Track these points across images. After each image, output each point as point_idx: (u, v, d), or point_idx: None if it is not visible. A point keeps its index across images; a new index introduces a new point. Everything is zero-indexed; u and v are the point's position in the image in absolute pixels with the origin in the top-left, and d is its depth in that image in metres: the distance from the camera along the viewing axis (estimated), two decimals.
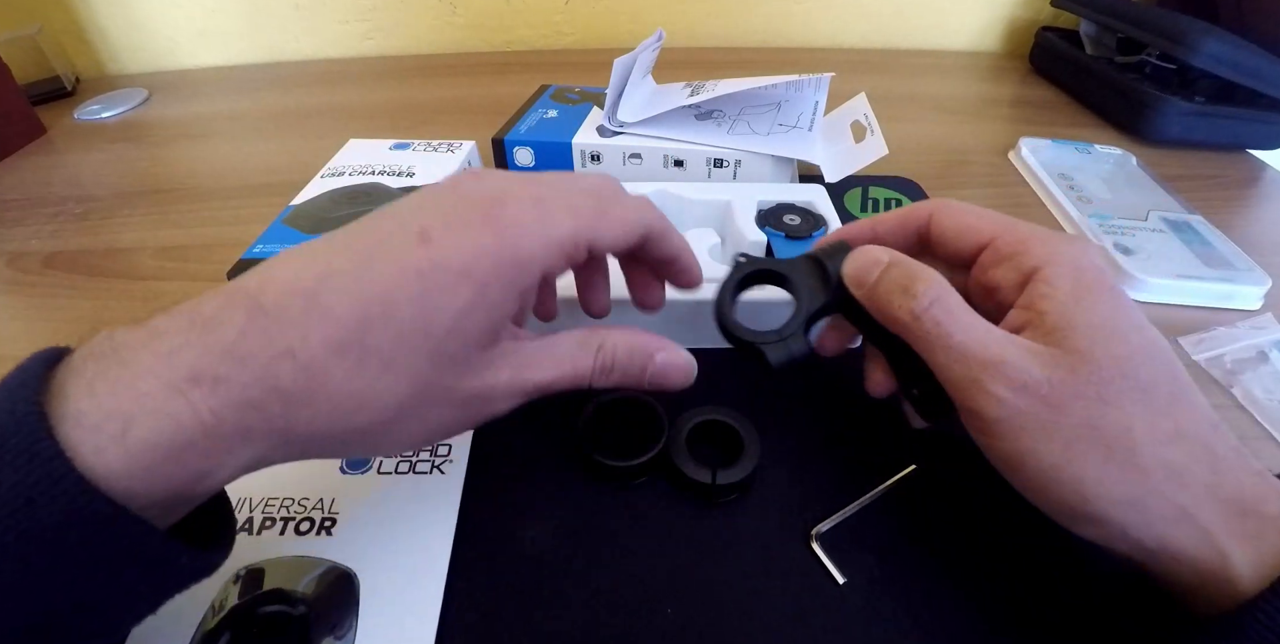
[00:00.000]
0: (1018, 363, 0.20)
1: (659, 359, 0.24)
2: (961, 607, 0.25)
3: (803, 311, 0.27)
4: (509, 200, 0.21)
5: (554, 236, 0.21)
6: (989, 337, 0.21)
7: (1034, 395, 0.20)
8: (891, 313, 0.23)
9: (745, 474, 0.27)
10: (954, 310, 0.22)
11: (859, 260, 0.25)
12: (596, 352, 0.23)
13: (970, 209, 0.25)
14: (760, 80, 0.47)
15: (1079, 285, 0.21)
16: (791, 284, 0.27)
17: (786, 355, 0.26)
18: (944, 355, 0.22)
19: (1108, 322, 0.21)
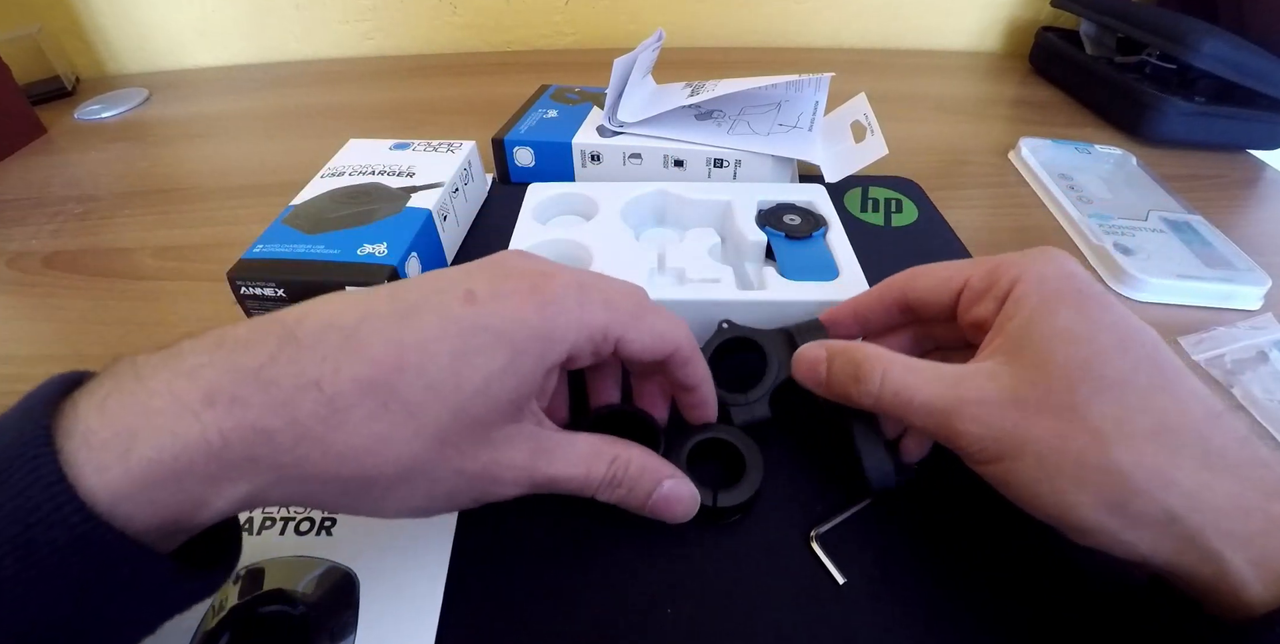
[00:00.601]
0: (976, 397, 0.21)
1: (666, 486, 0.24)
2: (961, 607, 0.25)
3: (770, 382, 0.30)
4: (553, 280, 0.21)
5: (589, 322, 0.21)
6: (945, 384, 0.22)
7: (1002, 422, 0.20)
8: (856, 402, 0.24)
9: (747, 496, 0.27)
10: (905, 377, 0.23)
11: (802, 364, 0.26)
12: (611, 462, 0.23)
13: (941, 264, 0.26)
14: (760, 80, 0.47)
15: (1042, 298, 0.21)
16: (765, 355, 0.30)
17: (749, 417, 0.29)
18: (914, 418, 0.22)
19: (1069, 327, 0.21)
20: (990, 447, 0.21)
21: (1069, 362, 0.20)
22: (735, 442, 0.28)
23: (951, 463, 0.30)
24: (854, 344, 0.25)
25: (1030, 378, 0.20)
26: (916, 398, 0.22)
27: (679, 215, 0.41)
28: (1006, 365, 0.21)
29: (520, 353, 0.20)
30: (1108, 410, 0.19)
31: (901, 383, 0.22)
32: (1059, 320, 0.21)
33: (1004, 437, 0.20)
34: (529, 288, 0.21)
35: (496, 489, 0.21)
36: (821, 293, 0.34)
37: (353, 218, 0.38)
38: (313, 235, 0.37)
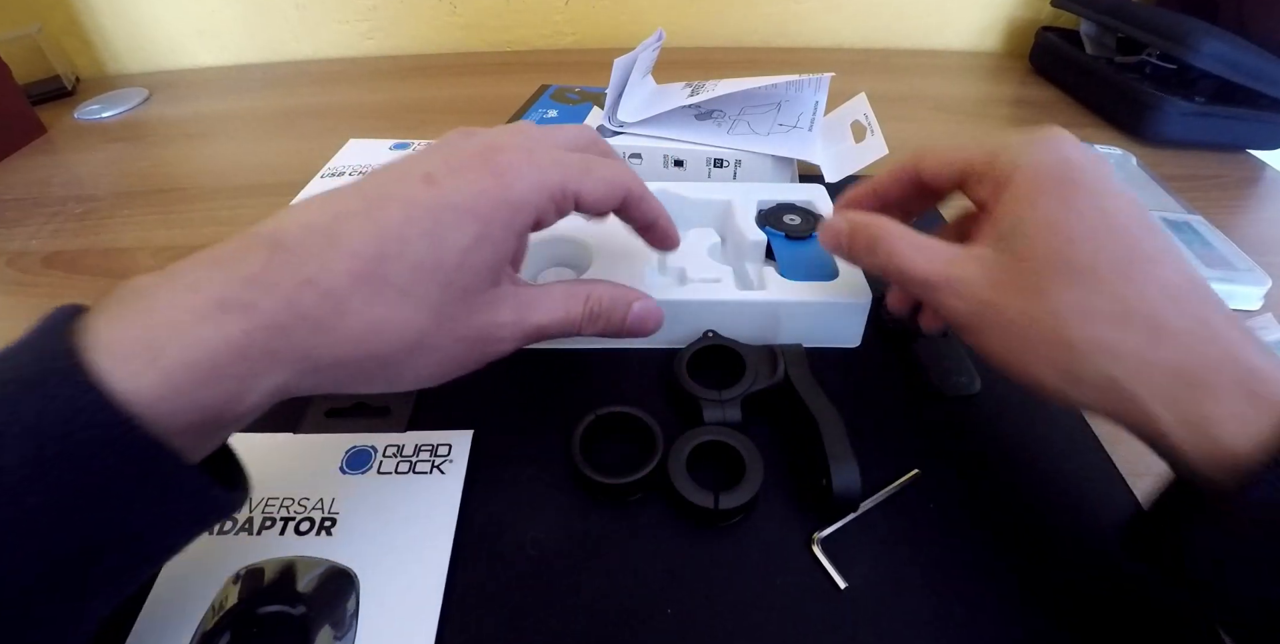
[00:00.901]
0: (961, 276, 0.24)
1: (636, 307, 0.27)
2: (963, 611, 0.25)
3: (745, 386, 0.31)
4: (503, 150, 0.23)
5: (545, 183, 0.23)
6: (937, 260, 0.24)
7: (979, 300, 0.23)
8: (868, 267, 0.27)
9: (748, 498, 0.27)
10: (906, 253, 0.25)
11: (826, 231, 0.29)
12: (585, 300, 0.26)
13: (951, 145, 0.27)
14: (760, 80, 0.47)
15: (1034, 186, 0.23)
16: (744, 364, 0.32)
17: (720, 416, 0.30)
18: (911, 288, 0.25)
19: (1050, 215, 0.22)
20: (969, 320, 0.24)
21: (1044, 249, 0.22)
22: (735, 444, 0.28)
23: (954, 468, 0.30)
24: (872, 218, 0.27)
25: (1008, 264, 0.23)
26: (913, 273, 0.25)
27: (679, 215, 0.41)
28: (992, 251, 0.23)
29: (488, 223, 0.22)
30: (1069, 295, 0.21)
31: (903, 258, 0.25)
32: (1040, 211, 0.22)
33: (980, 312, 0.23)
34: (482, 161, 0.22)
35: (495, 347, 0.24)
36: (821, 293, 0.34)
37: None
38: None
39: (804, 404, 0.29)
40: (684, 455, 0.28)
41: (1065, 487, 0.29)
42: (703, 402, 0.30)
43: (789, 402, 0.31)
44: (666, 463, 0.28)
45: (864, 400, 0.33)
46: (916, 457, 0.30)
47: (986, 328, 0.23)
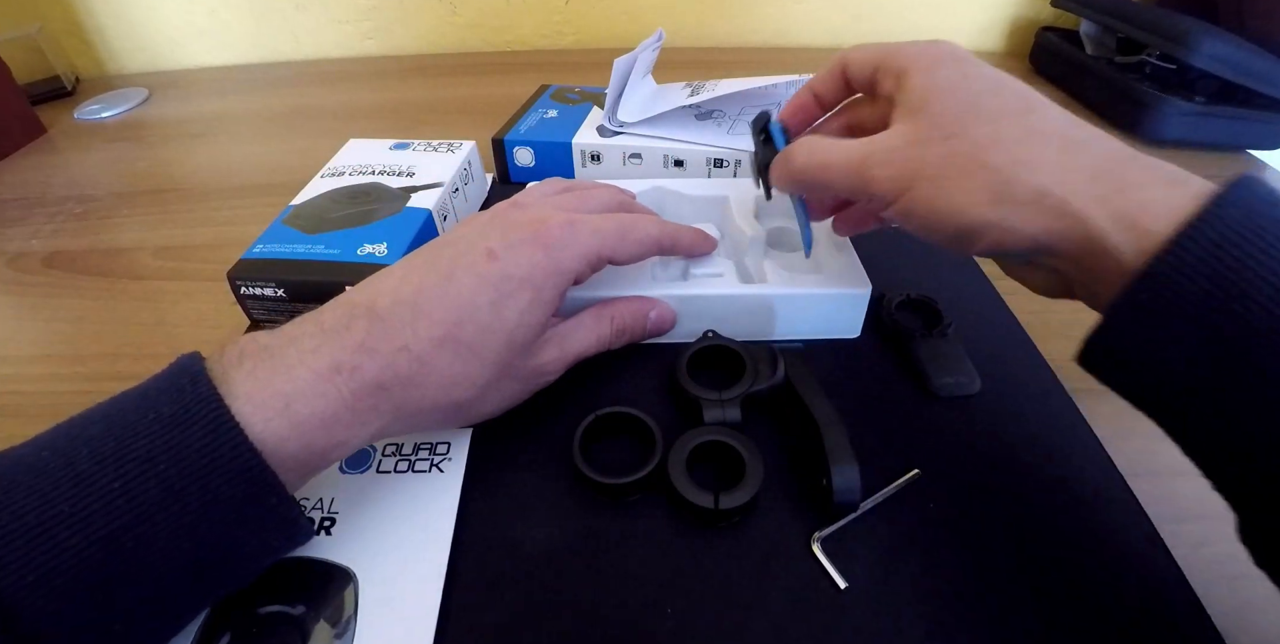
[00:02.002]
0: (877, 149, 0.25)
1: (652, 316, 0.34)
2: (963, 612, 0.25)
3: (745, 386, 0.31)
4: (549, 225, 0.28)
5: (585, 253, 0.28)
6: (852, 148, 0.26)
7: (903, 158, 0.24)
8: (794, 183, 0.29)
9: (748, 498, 0.27)
10: (826, 151, 0.27)
11: (776, 179, 0.30)
12: (611, 321, 0.32)
13: (876, 44, 0.28)
14: (760, 80, 0.47)
15: (932, 63, 0.25)
16: (744, 364, 0.32)
17: (720, 416, 0.30)
18: (834, 179, 0.27)
19: (951, 79, 0.25)
20: (897, 182, 0.24)
21: (952, 103, 0.24)
22: (735, 444, 0.28)
23: (954, 469, 0.30)
24: (806, 139, 0.29)
25: (923, 123, 0.24)
26: (833, 160, 0.27)
27: (677, 211, 0.41)
28: (905, 122, 0.25)
29: (540, 289, 0.27)
30: (983, 129, 0.23)
31: (821, 152, 0.27)
32: (939, 78, 0.25)
33: (905, 170, 0.24)
34: (533, 237, 0.27)
35: (544, 379, 0.30)
36: (822, 284, 0.34)
37: (353, 218, 0.38)
38: (313, 235, 0.37)
39: (804, 404, 0.29)
40: (684, 455, 0.28)
41: (1065, 487, 0.29)
42: (703, 402, 0.30)
43: (789, 402, 0.31)
44: (666, 463, 0.28)
45: (864, 400, 0.33)
46: (916, 457, 0.30)
47: (914, 181, 0.24)
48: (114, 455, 0.19)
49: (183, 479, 0.19)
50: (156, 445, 0.19)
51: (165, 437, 0.20)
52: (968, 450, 0.30)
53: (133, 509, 0.19)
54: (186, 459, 0.19)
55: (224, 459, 0.20)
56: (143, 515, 0.19)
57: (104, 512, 0.19)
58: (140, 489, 0.19)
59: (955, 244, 0.24)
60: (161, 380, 0.22)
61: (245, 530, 0.21)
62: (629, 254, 0.30)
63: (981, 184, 0.23)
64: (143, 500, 0.19)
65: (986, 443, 0.31)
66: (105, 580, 0.19)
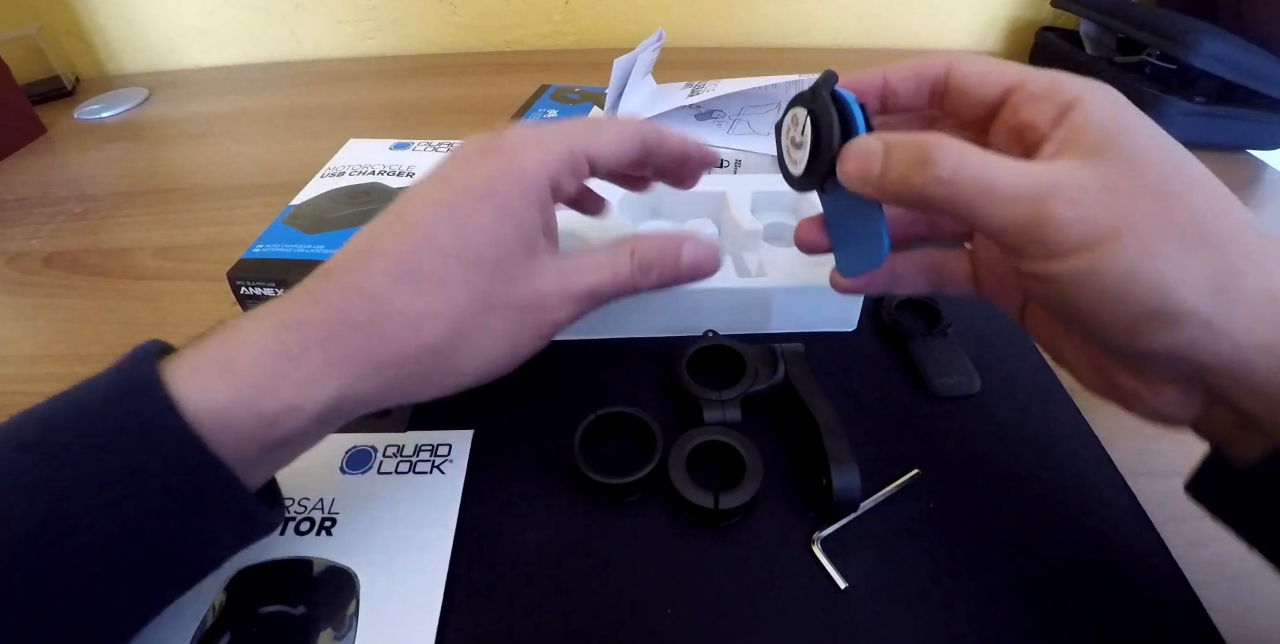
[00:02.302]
0: (1072, 180, 0.19)
1: (686, 251, 0.26)
2: (963, 612, 0.25)
3: (745, 385, 0.31)
4: (504, 135, 0.24)
5: (554, 150, 0.24)
6: (1031, 169, 0.20)
7: (1098, 205, 0.19)
8: (916, 191, 0.21)
9: (748, 498, 0.27)
10: (984, 158, 0.20)
11: (853, 159, 0.22)
12: (631, 255, 0.25)
13: (989, 58, 0.24)
14: (760, 80, 0.47)
15: (1117, 112, 0.20)
16: (744, 364, 0.32)
17: (720, 416, 0.30)
18: (993, 205, 0.20)
19: (1149, 135, 0.20)
20: (1086, 230, 0.19)
21: (1159, 153, 0.20)
22: (735, 444, 0.28)
23: (955, 469, 0.30)
24: (920, 133, 0.21)
25: (1122, 169, 0.19)
26: (1000, 180, 0.20)
27: (675, 208, 0.41)
28: (1090, 160, 0.20)
29: (505, 197, 0.23)
30: (1201, 200, 0.19)
31: (983, 166, 0.20)
32: (1140, 127, 0.20)
33: (1101, 219, 0.19)
34: (491, 149, 0.24)
35: (548, 317, 0.24)
36: (817, 277, 0.34)
37: (353, 218, 0.38)
38: (313, 235, 0.37)
39: (804, 404, 0.29)
40: (684, 455, 0.28)
41: (1065, 487, 0.29)
42: (703, 402, 0.30)
43: (789, 402, 0.31)
44: (666, 463, 0.28)
45: (864, 400, 0.33)
46: (916, 457, 0.30)
47: (1111, 237, 0.19)
48: (39, 442, 0.18)
49: (113, 463, 0.18)
50: (84, 428, 0.18)
51: (96, 419, 0.18)
52: (968, 450, 0.30)
53: (55, 500, 0.17)
54: (116, 442, 0.18)
55: (155, 436, 0.18)
56: (68, 507, 0.17)
57: (26, 504, 0.17)
58: (65, 477, 0.17)
59: (1127, 331, 0.19)
60: (111, 368, 0.20)
61: (190, 519, 0.19)
62: (610, 147, 0.25)
63: (1202, 263, 0.18)
64: (69, 489, 0.17)
65: (986, 443, 0.31)
66: (25, 580, 0.17)
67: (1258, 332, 0.18)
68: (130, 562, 0.18)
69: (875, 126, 0.23)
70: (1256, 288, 0.18)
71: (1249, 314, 0.18)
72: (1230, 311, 0.18)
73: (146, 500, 0.18)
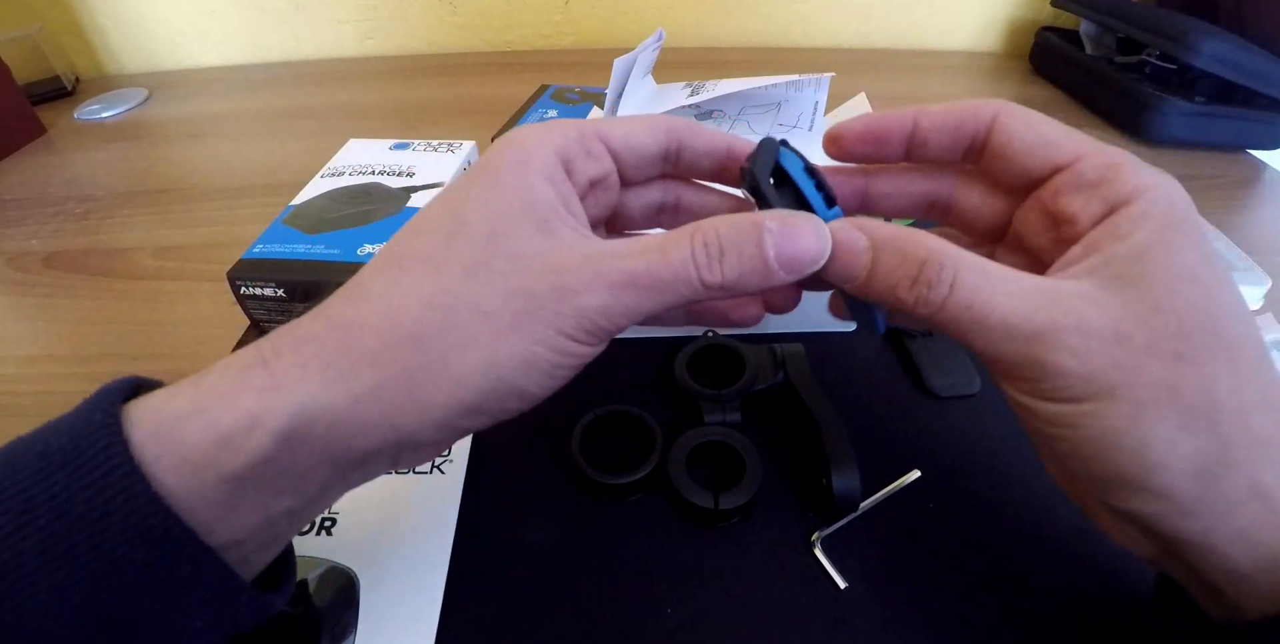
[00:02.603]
0: (1076, 325, 0.17)
1: (775, 229, 0.18)
2: (962, 612, 0.25)
3: (744, 386, 0.31)
4: (511, 132, 0.21)
5: (558, 129, 0.20)
6: (1036, 301, 0.17)
7: (1101, 359, 0.17)
8: (905, 306, 0.19)
9: (748, 498, 0.27)
10: (982, 286, 0.18)
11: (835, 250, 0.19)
12: (692, 234, 0.18)
13: (1042, 118, 0.21)
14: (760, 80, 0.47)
15: (1167, 225, 0.18)
16: (744, 364, 0.31)
17: (720, 416, 0.30)
18: (984, 339, 0.18)
19: (1191, 270, 0.17)
20: (1079, 386, 0.17)
21: (1188, 307, 0.17)
22: (735, 444, 0.28)
23: (955, 469, 0.30)
24: (908, 231, 0.19)
25: (1140, 314, 0.17)
26: (996, 315, 0.17)
27: None
28: (1110, 293, 0.17)
29: (500, 170, 0.19)
30: (1220, 370, 0.17)
31: (977, 294, 0.17)
32: (1180, 260, 0.17)
33: (1101, 376, 0.17)
34: (501, 144, 0.20)
35: (576, 301, 0.18)
36: None
37: (353, 218, 0.38)
38: (313, 235, 0.37)
39: (804, 404, 0.29)
40: (684, 455, 0.28)
41: None
42: (703, 402, 0.30)
43: (789, 402, 0.30)
44: (666, 463, 0.28)
45: (864, 400, 0.33)
46: (916, 457, 0.30)
47: (1105, 397, 0.17)
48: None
49: (68, 530, 0.14)
50: (37, 488, 0.15)
51: (49, 476, 0.15)
52: (968, 450, 0.30)
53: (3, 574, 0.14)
54: (70, 503, 0.15)
55: (115, 495, 0.15)
56: (17, 583, 0.14)
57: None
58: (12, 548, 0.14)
59: (1098, 486, 0.18)
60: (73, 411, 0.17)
61: (159, 599, 0.15)
62: (623, 130, 0.21)
63: (1195, 449, 0.17)
64: (17, 564, 0.14)
65: (986, 443, 0.31)
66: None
67: (1234, 522, 0.17)
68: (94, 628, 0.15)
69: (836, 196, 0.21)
70: (1244, 479, 0.17)
71: (1229, 504, 0.17)
72: (1211, 499, 0.17)
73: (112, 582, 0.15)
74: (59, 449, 0.15)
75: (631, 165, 0.22)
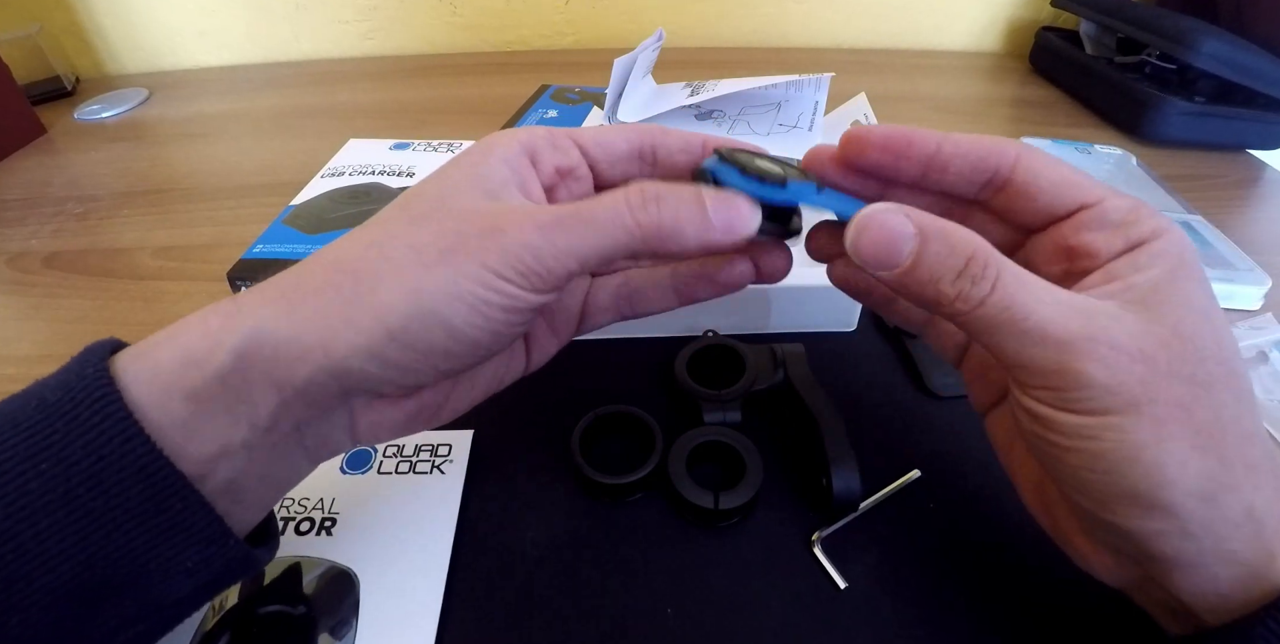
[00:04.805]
0: (1110, 335, 0.17)
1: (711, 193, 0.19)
2: (962, 612, 0.25)
3: (744, 386, 0.31)
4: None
5: (524, 131, 0.22)
6: (1069, 310, 0.18)
7: (1130, 373, 0.17)
8: (939, 302, 0.19)
9: (748, 498, 0.27)
10: (1021, 289, 0.18)
11: (876, 234, 0.19)
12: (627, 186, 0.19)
13: (1059, 162, 0.21)
14: (760, 80, 0.47)
15: (1181, 266, 0.19)
16: (744, 364, 0.31)
17: (720, 416, 0.30)
18: (1017, 342, 0.18)
19: (1202, 304, 0.18)
20: (1105, 398, 0.17)
21: (1201, 337, 0.18)
22: (735, 444, 0.28)
23: (955, 469, 0.30)
24: (953, 224, 0.19)
25: (1162, 337, 0.17)
26: (1034, 318, 0.17)
27: None
28: (1137, 312, 0.18)
29: (465, 156, 0.21)
30: (1227, 398, 0.18)
31: (1018, 295, 0.18)
32: (1197, 293, 0.18)
33: (1127, 390, 0.17)
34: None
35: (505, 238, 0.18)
36: (817, 277, 0.34)
37: (353, 218, 0.38)
38: (313, 235, 0.37)
39: (804, 404, 0.29)
40: (684, 455, 0.28)
41: None
42: (703, 402, 0.30)
43: (789, 402, 0.30)
44: (666, 463, 0.28)
45: (864, 400, 0.33)
46: (916, 457, 0.30)
47: (1128, 411, 0.17)
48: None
49: (66, 474, 0.16)
50: (39, 437, 0.16)
51: (48, 425, 0.16)
52: (968, 450, 0.30)
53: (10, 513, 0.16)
54: (68, 449, 0.16)
55: (110, 441, 0.16)
56: (23, 521, 0.16)
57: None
58: (18, 489, 0.16)
59: (1101, 502, 0.18)
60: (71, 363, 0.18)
61: (151, 538, 0.17)
62: (593, 134, 0.23)
63: (1203, 468, 0.17)
64: (23, 505, 0.16)
65: (986, 443, 0.31)
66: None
67: (1228, 543, 0.18)
68: (89, 596, 0.16)
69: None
70: (1241, 502, 0.18)
71: (1226, 526, 0.18)
72: (1210, 520, 0.18)
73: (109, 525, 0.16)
74: (55, 403, 0.17)
75: (603, 161, 0.23)
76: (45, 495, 0.16)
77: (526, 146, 0.21)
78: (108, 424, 0.16)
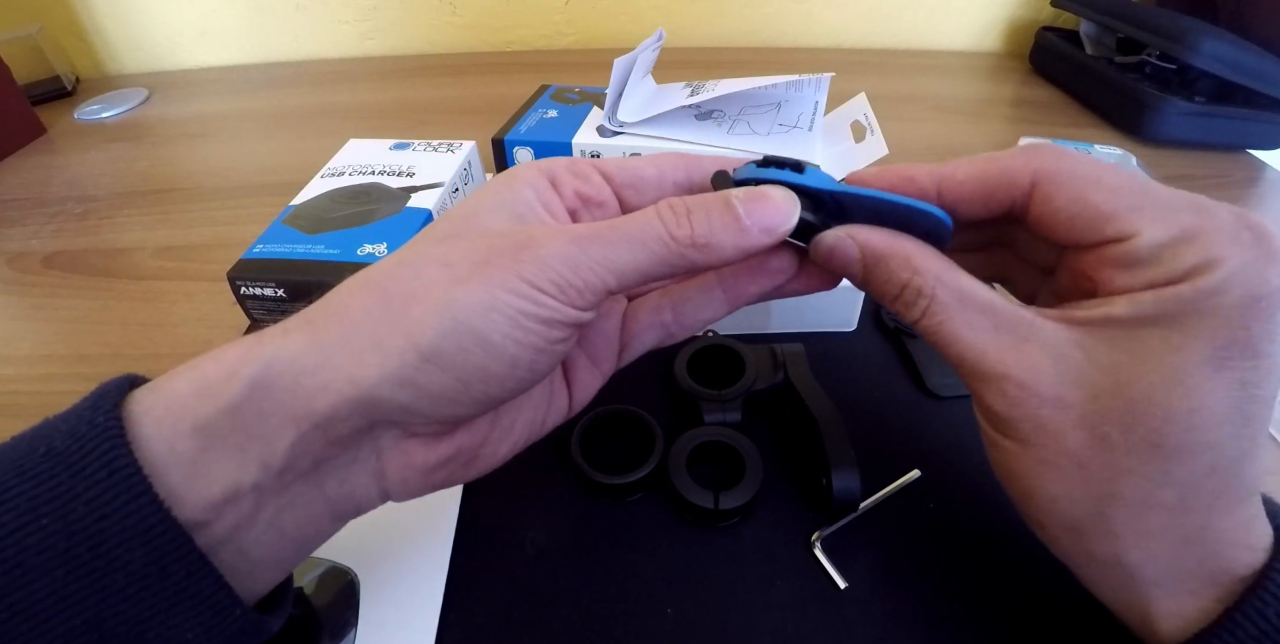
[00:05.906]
0: (1023, 378, 0.18)
1: (740, 195, 0.19)
2: (962, 612, 0.25)
3: (745, 386, 0.31)
4: None
5: (547, 160, 0.22)
6: (1000, 340, 0.18)
7: (1027, 410, 0.18)
8: (888, 306, 0.20)
9: (748, 498, 0.27)
10: (952, 316, 0.19)
11: (830, 254, 0.20)
12: (657, 203, 0.19)
13: (1094, 177, 0.19)
14: (760, 80, 0.47)
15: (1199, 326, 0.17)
16: (744, 364, 0.31)
17: (720, 416, 0.30)
18: (947, 358, 0.20)
19: (1184, 378, 0.17)
20: (1001, 425, 0.19)
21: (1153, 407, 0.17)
22: (735, 444, 0.28)
23: (955, 469, 0.30)
24: (900, 247, 0.19)
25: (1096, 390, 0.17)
26: (954, 348, 0.19)
27: None
28: (1085, 354, 0.18)
29: (486, 185, 0.21)
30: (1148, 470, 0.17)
31: (945, 323, 0.19)
32: (1191, 360, 0.17)
33: (1020, 426, 0.18)
34: None
35: (540, 250, 0.18)
36: None
37: (353, 218, 0.38)
38: (313, 235, 0.37)
39: (804, 404, 0.29)
40: (684, 455, 0.28)
41: None
42: (703, 402, 0.30)
43: (789, 402, 0.31)
44: (666, 462, 0.28)
45: (864, 400, 0.33)
46: (916, 457, 0.30)
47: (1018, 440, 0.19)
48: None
49: (68, 532, 0.15)
50: (42, 489, 0.15)
51: (53, 477, 0.15)
52: (968, 450, 0.30)
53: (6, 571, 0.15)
54: (71, 505, 0.15)
55: (114, 499, 0.15)
56: (19, 580, 0.15)
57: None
58: (16, 545, 0.15)
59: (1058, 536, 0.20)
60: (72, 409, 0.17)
61: (153, 604, 0.15)
62: (617, 161, 0.22)
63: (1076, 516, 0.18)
64: (18, 562, 0.15)
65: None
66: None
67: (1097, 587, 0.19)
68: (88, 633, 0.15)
69: None
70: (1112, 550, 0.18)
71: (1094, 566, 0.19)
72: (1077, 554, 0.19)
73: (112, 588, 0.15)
74: (63, 452, 0.16)
75: (628, 185, 0.22)
76: (44, 553, 0.15)
77: (547, 172, 0.21)
78: (114, 480, 0.15)
